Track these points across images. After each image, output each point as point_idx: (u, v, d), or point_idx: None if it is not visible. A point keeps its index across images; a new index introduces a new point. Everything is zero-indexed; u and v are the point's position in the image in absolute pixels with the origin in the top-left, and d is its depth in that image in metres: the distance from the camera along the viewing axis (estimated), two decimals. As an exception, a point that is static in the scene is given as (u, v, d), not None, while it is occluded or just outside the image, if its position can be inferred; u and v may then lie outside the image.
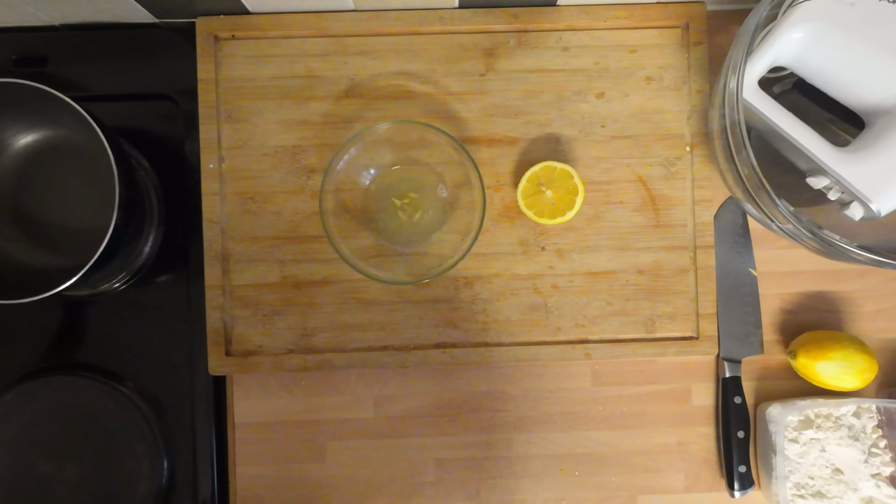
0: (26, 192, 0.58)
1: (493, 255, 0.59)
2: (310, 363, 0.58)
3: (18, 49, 0.60)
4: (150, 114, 0.61)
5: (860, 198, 0.46)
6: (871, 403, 0.58)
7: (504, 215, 0.59)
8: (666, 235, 0.59)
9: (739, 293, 0.61)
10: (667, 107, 0.59)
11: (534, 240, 0.59)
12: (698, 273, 0.59)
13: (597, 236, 0.59)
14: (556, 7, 0.58)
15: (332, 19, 0.58)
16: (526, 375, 0.60)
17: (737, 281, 0.61)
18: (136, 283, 0.61)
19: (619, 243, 0.59)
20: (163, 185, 0.61)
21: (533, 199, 0.57)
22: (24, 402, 0.58)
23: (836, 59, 0.47)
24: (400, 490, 0.60)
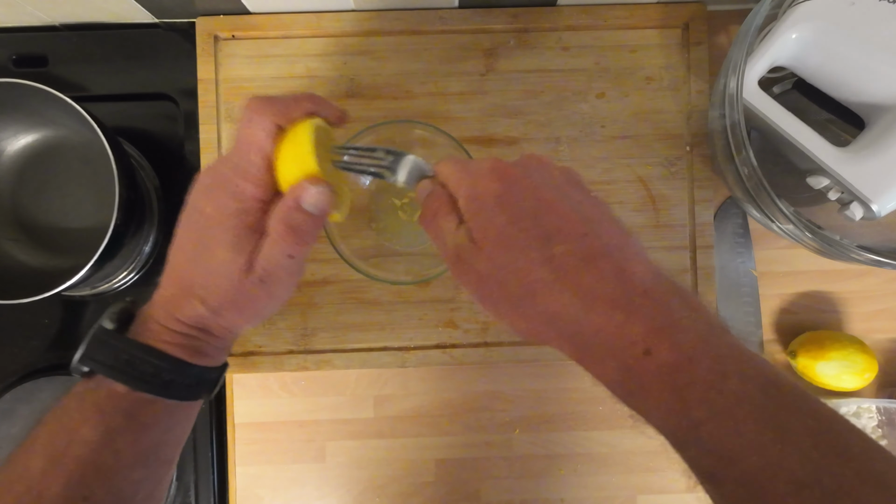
0: (26, 192, 0.58)
1: (493, 255, 0.59)
2: (310, 363, 0.58)
3: (18, 49, 0.60)
4: (150, 114, 0.61)
5: (860, 198, 0.46)
6: (871, 403, 0.58)
7: (504, 215, 0.59)
8: (666, 235, 0.59)
9: (739, 293, 0.61)
10: (667, 107, 0.59)
11: (534, 240, 0.59)
12: (698, 273, 0.59)
13: (597, 236, 0.59)
14: (556, 7, 0.58)
15: (332, 19, 0.58)
16: (526, 375, 0.60)
17: (737, 281, 0.61)
18: (136, 283, 0.61)
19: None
20: (163, 185, 0.61)
21: None
22: (24, 402, 0.58)
23: (836, 59, 0.47)
24: (400, 490, 0.60)
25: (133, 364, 0.34)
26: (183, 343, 0.36)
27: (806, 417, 0.26)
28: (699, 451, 0.27)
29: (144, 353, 0.35)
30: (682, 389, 0.27)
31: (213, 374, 0.38)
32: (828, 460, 0.25)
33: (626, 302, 0.28)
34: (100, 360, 0.34)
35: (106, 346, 0.35)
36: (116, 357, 0.34)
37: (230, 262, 0.35)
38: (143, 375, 0.34)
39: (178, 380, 0.35)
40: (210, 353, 0.37)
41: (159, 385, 0.35)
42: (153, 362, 0.34)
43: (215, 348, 0.38)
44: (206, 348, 0.37)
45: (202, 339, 0.37)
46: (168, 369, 0.35)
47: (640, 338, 0.28)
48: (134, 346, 0.35)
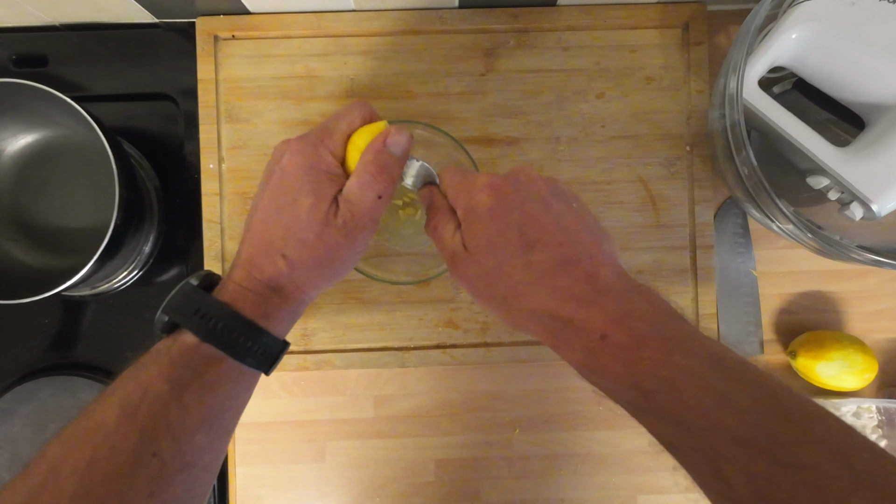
0: (26, 192, 0.58)
1: (493, 255, 0.59)
2: (310, 363, 0.58)
3: (18, 49, 0.60)
4: (150, 114, 0.61)
5: (860, 198, 0.46)
6: (871, 403, 0.58)
7: (504, 215, 0.59)
8: (666, 235, 0.59)
9: (739, 293, 0.61)
10: (667, 107, 0.59)
11: (534, 240, 0.59)
12: (698, 273, 0.59)
13: (597, 236, 0.59)
14: (556, 7, 0.58)
15: (332, 19, 0.58)
16: (526, 375, 0.60)
17: (737, 281, 0.61)
18: (136, 283, 0.61)
19: (619, 243, 0.59)
20: (163, 185, 0.61)
21: None
22: (24, 402, 0.58)
23: (836, 59, 0.47)
24: (400, 490, 0.60)
25: (206, 316, 0.36)
26: (256, 302, 0.38)
27: (748, 386, 0.30)
28: (654, 419, 0.32)
29: (220, 309, 0.37)
30: (632, 364, 0.32)
31: (276, 348, 0.39)
32: (768, 421, 0.28)
33: (591, 299, 0.34)
34: (180, 310, 0.37)
35: (187, 299, 0.37)
36: (195, 309, 0.36)
37: (314, 208, 0.38)
38: (215, 329, 0.36)
39: (243, 340, 0.37)
40: (278, 318, 0.39)
41: (227, 341, 0.36)
42: (225, 317, 0.36)
43: (284, 313, 0.39)
44: (275, 312, 0.39)
45: (274, 300, 0.39)
46: (237, 327, 0.37)
47: (599, 326, 0.33)
48: (210, 301, 0.37)
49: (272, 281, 0.38)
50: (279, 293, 0.39)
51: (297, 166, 0.39)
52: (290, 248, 0.38)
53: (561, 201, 0.38)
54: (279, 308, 0.39)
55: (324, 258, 0.39)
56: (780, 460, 0.27)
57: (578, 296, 0.34)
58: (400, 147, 0.40)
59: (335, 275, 0.41)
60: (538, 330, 0.36)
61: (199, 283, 0.38)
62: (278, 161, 0.40)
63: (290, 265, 0.38)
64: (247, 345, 0.37)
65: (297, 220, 0.38)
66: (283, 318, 0.40)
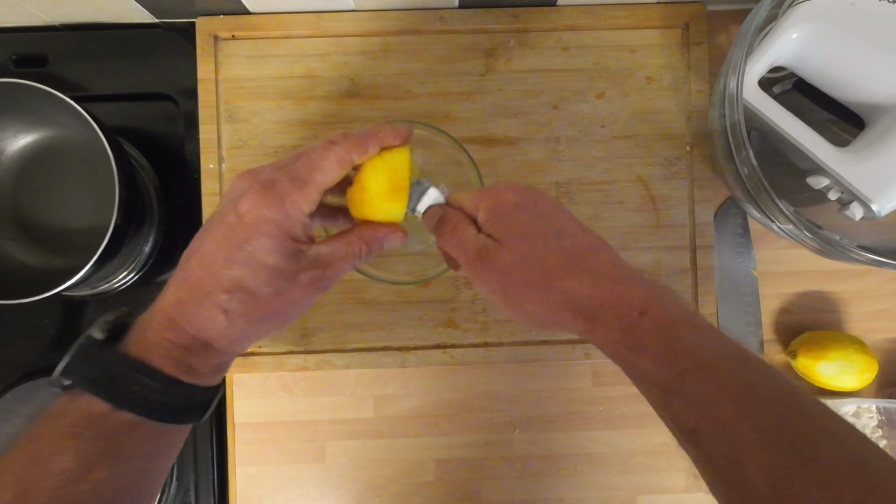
0: (26, 192, 0.58)
1: (493, 255, 0.59)
2: (310, 363, 0.58)
3: (18, 49, 0.60)
4: (150, 114, 0.61)
5: (860, 198, 0.46)
6: (871, 403, 0.58)
7: (504, 215, 0.59)
8: (666, 235, 0.59)
9: (739, 293, 0.61)
10: (667, 107, 0.59)
11: (534, 240, 0.59)
12: (698, 273, 0.59)
13: (597, 236, 0.59)
14: (556, 7, 0.58)
15: (332, 19, 0.58)
16: (526, 375, 0.60)
17: (737, 281, 0.61)
18: (136, 283, 0.61)
19: (619, 243, 0.59)
20: (163, 185, 0.61)
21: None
22: (24, 402, 0.58)
23: (836, 59, 0.47)
24: (400, 490, 0.60)
25: (118, 379, 0.31)
26: (179, 357, 0.33)
27: (771, 381, 0.30)
28: (682, 403, 0.31)
29: (132, 368, 0.32)
30: (671, 342, 0.32)
31: (206, 397, 0.35)
32: (790, 414, 0.29)
33: (623, 279, 0.35)
34: (82, 372, 0.31)
35: (91, 358, 0.32)
36: (101, 370, 0.31)
37: (276, 267, 0.34)
38: (128, 393, 0.31)
39: (166, 400, 0.33)
40: (206, 371, 0.35)
41: (145, 405, 0.32)
42: (142, 379, 0.32)
43: (213, 366, 0.35)
44: (202, 366, 0.34)
45: (200, 353, 0.34)
46: (157, 388, 0.32)
47: (637, 303, 0.33)
48: (122, 359, 0.32)
49: (201, 334, 0.34)
50: (207, 347, 0.34)
51: (260, 219, 0.34)
52: (235, 301, 0.33)
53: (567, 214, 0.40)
54: (205, 361, 0.34)
55: (274, 313, 0.35)
56: (801, 454, 0.27)
57: (610, 276, 0.35)
58: (392, 246, 0.40)
59: (275, 329, 0.37)
60: (573, 316, 0.35)
61: (105, 334, 0.33)
62: (235, 204, 0.34)
63: (228, 320, 0.34)
64: (171, 403, 0.33)
65: (252, 276, 0.34)
66: (211, 371, 0.35)
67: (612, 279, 0.34)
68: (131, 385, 0.32)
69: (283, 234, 0.34)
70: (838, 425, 0.29)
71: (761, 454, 0.28)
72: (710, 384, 0.30)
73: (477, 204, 0.39)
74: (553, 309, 0.35)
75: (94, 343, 0.32)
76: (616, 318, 0.33)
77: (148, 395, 0.32)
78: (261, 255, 0.34)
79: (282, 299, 0.35)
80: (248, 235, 0.34)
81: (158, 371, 0.32)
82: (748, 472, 0.28)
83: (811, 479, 0.26)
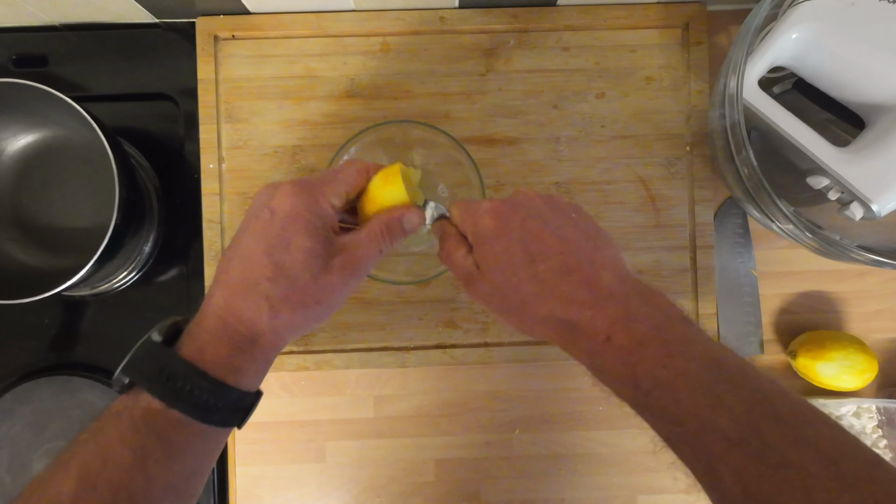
0: (26, 192, 0.58)
1: (493, 255, 0.59)
2: (310, 363, 0.58)
3: (18, 49, 0.60)
4: (150, 114, 0.61)
5: (860, 198, 0.46)
6: (871, 403, 0.58)
7: (504, 215, 0.59)
8: (666, 235, 0.59)
9: (739, 293, 0.61)
10: (667, 107, 0.59)
11: (534, 240, 0.59)
12: (698, 273, 0.59)
13: (597, 236, 0.59)
14: (556, 7, 0.58)
15: (332, 19, 0.58)
16: (526, 375, 0.60)
17: (737, 281, 0.61)
18: (136, 283, 0.61)
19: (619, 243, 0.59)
20: (163, 185, 0.61)
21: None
22: (24, 402, 0.58)
23: (836, 59, 0.47)
24: (400, 490, 0.60)
25: (172, 378, 0.34)
26: (227, 356, 0.35)
27: (742, 389, 0.31)
28: (652, 417, 0.34)
29: (186, 369, 0.34)
30: (633, 366, 0.34)
31: (248, 402, 0.37)
32: (758, 423, 0.29)
33: (594, 303, 0.36)
34: (141, 371, 0.34)
35: (150, 358, 0.35)
36: (158, 370, 0.34)
37: (312, 250, 0.37)
38: (181, 392, 0.34)
39: (214, 402, 0.35)
40: (251, 371, 0.37)
41: (195, 405, 0.34)
42: (194, 379, 0.34)
43: (258, 365, 0.38)
44: (248, 365, 0.37)
45: (248, 351, 0.36)
46: (207, 389, 0.34)
47: (603, 328, 0.35)
48: (177, 361, 0.34)
49: (249, 328, 0.36)
50: (254, 342, 0.37)
51: (293, 207, 0.38)
52: (277, 288, 0.36)
53: (559, 214, 0.40)
54: (253, 360, 0.37)
55: (313, 299, 0.38)
56: (769, 460, 0.28)
57: (581, 301, 0.36)
58: (412, 225, 0.42)
59: (318, 317, 0.39)
60: (550, 335, 0.38)
61: (162, 337, 0.35)
62: (266, 203, 0.38)
63: (272, 308, 0.36)
64: (216, 405, 0.35)
65: (291, 260, 0.37)
66: (257, 370, 0.38)
67: (582, 303, 0.36)
68: (184, 385, 0.34)
69: (315, 219, 0.38)
70: (812, 427, 0.30)
71: (731, 461, 0.29)
72: (673, 403, 0.32)
73: (464, 226, 0.41)
74: (533, 329, 0.39)
75: (153, 344, 0.35)
76: (584, 342, 0.36)
77: (198, 395, 0.34)
78: (297, 240, 0.37)
79: (318, 284, 0.38)
80: (283, 224, 0.37)
81: (207, 373, 0.35)
82: (721, 476, 0.30)
83: (781, 482, 0.28)
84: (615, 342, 0.34)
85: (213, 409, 0.35)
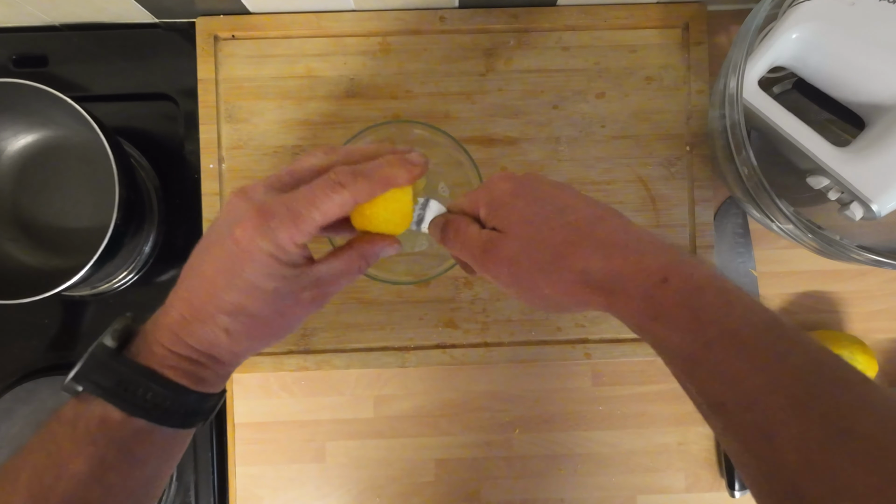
0: (26, 192, 0.58)
1: (493, 255, 0.59)
2: (310, 363, 0.58)
3: (18, 49, 0.60)
4: (150, 114, 0.61)
5: (860, 198, 0.46)
6: (871, 403, 0.58)
7: (504, 215, 0.59)
8: (666, 235, 0.59)
9: (739, 293, 0.61)
10: (667, 107, 0.59)
11: (534, 240, 0.59)
12: (698, 273, 0.59)
13: (597, 236, 0.59)
14: (556, 7, 0.58)
15: (332, 19, 0.58)
16: (526, 375, 0.60)
17: (737, 281, 0.61)
18: (136, 283, 0.61)
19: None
20: (163, 185, 0.61)
21: None
22: (24, 402, 0.58)
23: (836, 59, 0.47)
24: (400, 490, 0.60)
25: (132, 388, 0.32)
26: (187, 369, 0.34)
27: (805, 350, 0.28)
28: (708, 375, 0.30)
29: (145, 378, 0.33)
30: (696, 310, 0.30)
31: (211, 402, 0.36)
32: (824, 385, 0.27)
33: (637, 246, 0.33)
34: (97, 380, 0.32)
35: (105, 367, 0.33)
36: (115, 379, 0.32)
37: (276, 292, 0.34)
38: (142, 401, 0.32)
39: (177, 407, 0.34)
40: (213, 380, 0.36)
41: (158, 413, 0.33)
42: (154, 388, 0.33)
43: (219, 376, 0.36)
44: (210, 376, 0.36)
45: (208, 366, 0.35)
46: (169, 396, 0.33)
47: (656, 270, 0.32)
48: (135, 369, 0.33)
49: (208, 349, 0.35)
50: (214, 359, 0.35)
51: (254, 248, 0.33)
52: (237, 323, 0.34)
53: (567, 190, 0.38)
54: (214, 372, 0.36)
55: (275, 329, 0.36)
56: (835, 426, 0.26)
57: (623, 244, 0.33)
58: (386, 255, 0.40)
59: (278, 339, 0.38)
60: (590, 292, 0.34)
61: (116, 342, 0.34)
62: (231, 230, 0.34)
63: (231, 338, 0.34)
64: (181, 410, 0.34)
65: (252, 300, 0.34)
66: (218, 379, 0.37)
67: (624, 248, 0.33)
68: (145, 394, 0.32)
69: (280, 263, 0.34)
70: (878, 396, 0.27)
71: (793, 426, 0.26)
72: (738, 355, 0.29)
73: (476, 202, 0.38)
74: (568, 288, 0.34)
75: (108, 351, 0.33)
76: (635, 287, 0.32)
77: (160, 404, 0.33)
78: (260, 282, 0.34)
79: (283, 318, 0.36)
80: (245, 263, 0.33)
81: (169, 380, 0.33)
82: (779, 444, 0.27)
83: (846, 452, 0.25)
84: (673, 284, 0.31)
85: (175, 414, 0.34)
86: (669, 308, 0.31)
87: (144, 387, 0.32)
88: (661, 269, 0.31)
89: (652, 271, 0.32)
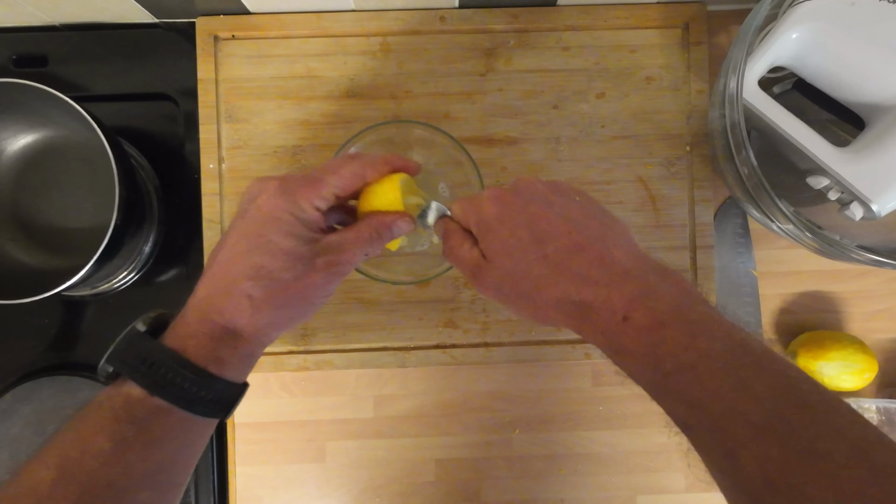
0: (26, 192, 0.58)
1: (493, 255, 0.59)
2: (310, 363, 0.58)
3: (18, 49, 0.60)
4: (150, 114, 0.61)
5: (860, 198, 0.46)
6: (871, 403, 0.58)
7: (504, 215, 0.59)
8: (666, 235, 0.59)
9: (739, 293, 0.61)
10: (667, 107, 0.59)
11: (534, 240, 0.59)
12: (698, 273, 0.59)
13: (597, 236, 0.59)
14: (556, 7, 0.58)
15: (332, 19, 0.58)
16: (526, 375, 0.60)
17: (737, 281, 0.61)
18: (136, 283, 0.61)
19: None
20: (163, 185, 0.61)
21: None
22: (24, 402, 0.58)
23: (836, 59, 0.47)
24: (400, 490, 0.60)
25: (155, 367, 0.34)
26: (209, 346, 0.36)
27: (768, 374, 0.30)
28: (672, 401, 0.32)
29: (168, 357, 0.35)
30: (654, 346, 0.32)
31: (233, 393, 0.38)
32: (787, 409, 0.28)
33: (608, 281, 0.35)
34: (124, 359, 0.35)
35: (133, 347, 0.35)
36: (141, 359, 0.34)
37: (294, 250, 0.37)
38: (163, 380, 0.34)
39: (197, 390, 0.35)
40: (234, 362, 0.37)
41: (176, 392, 0.34)
42: (176, 367, 0.34)
43: (241, 357, 0.38)
44: (230, 356, 0.37)
45: (229, 343, 0.37)
46: (190, 377, 0.35)
47: (620, 307, 0.33)
48: (159, 349, 0.35)
49: (230, 323, 0.36)
50: (236, 336, 0.37)
51: (276, 207, 0.37)
52: (258, 287, 0.36)
53: (563, 197, 0.39)
54: (235, 351, 0.37)
55: (295, 298, 0.38)
56: (795, 447, 0.27)
57: (595, 279, 0.35)
58: (400, 231, 0.42)
59: (301, 315, 0.40)
60: (565, 319, 0.37)
61: (146, 327, 0.36)
62: (253, 200, 0.39)
63: (254, 306, 0.36)
64: (199, 394, 0.35)
65: (272, 261, 0.37)
66: (240, 362, 0.38)
67: (595, 283, 0.35)
68: (166, 372, 0.34)
69: (297, 221, 0.38)
70: (840, 417, 0.28)
71: (754, 448, 0.28)
72: (696, 385, 0.30)
73: (467, 218, 0.41)
74: (546, 314, 0.37)
75: (137, 334, 0.36)
76: (601, 322, 0.34)
77: (180, 384, 0.34)
78: (278, 240, 0.37)
79: (301, 283, 0.38)
80: (266, 223, 0.37)
81: (189, 360, 0.35)
82: (742, 464, 0.28)
83: (806, 471, 0.26)
84: (634, 321, 0.33)
85: (195, 399, 0.35)
86: (628, 344, 0.33)
87: (166, 366, 0.34)
88: (625, 306, 0.33)
89: (616, 308, 0.34)
